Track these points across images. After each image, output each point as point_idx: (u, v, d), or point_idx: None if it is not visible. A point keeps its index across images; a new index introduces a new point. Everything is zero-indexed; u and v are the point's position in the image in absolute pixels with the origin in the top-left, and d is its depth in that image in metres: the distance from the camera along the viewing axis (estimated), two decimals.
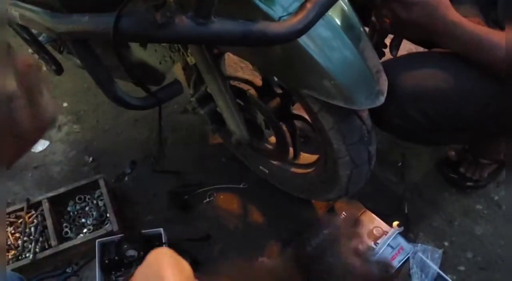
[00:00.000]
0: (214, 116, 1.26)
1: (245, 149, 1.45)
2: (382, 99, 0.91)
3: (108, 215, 1.41)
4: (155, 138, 1.63)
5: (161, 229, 1.35)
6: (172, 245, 1.34)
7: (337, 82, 0.85)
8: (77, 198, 1.48)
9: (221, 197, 1.50)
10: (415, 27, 0.95)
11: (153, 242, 1.34)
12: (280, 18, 0.80)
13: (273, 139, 1.31)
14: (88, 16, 0.71)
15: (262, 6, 0.81)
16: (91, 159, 1.63)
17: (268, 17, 0.80)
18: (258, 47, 0.86)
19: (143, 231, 1.36)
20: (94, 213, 1.44)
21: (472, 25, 0.93)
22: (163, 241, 1.34)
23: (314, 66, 0.85)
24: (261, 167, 1.45)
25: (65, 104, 1.82)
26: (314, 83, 0.88)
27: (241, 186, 1.51)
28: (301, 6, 0.73)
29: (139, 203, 1.51)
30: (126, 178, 1.57)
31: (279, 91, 1.19)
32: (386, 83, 0.93)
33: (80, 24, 0.72)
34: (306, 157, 1.34)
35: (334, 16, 0.87)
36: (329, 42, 0.86)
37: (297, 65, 0.87)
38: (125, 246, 1.31)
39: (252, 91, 1.18)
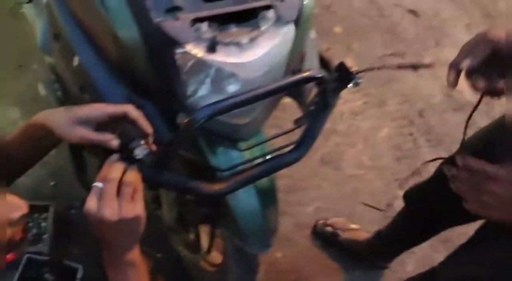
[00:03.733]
0: (157, 201, 1.57)
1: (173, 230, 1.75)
2: (268, 251, 1.24)
3: (44, 237, 1.69)
4: None
5: (80, 266, 1.61)
6: None
7: (239, 229, 1.18)
8: None
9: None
10: None
11: (69, 275, 1.60)
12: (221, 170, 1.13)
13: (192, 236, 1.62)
14: None
15: (212, 161, 1.15)
16: (53, 183, 1.91)
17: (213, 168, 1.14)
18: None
19: (65, 261, 1.62)
20: (34, 230, 1.70)
21: None
22: (78, 276, 1.60)
23: (230, 213, 1.18)
24: (180, 247, 1.76)
25: None
26: (226, 223, 1.23)
27: (157, 255, 1.80)
28: (231, 177, 1.06)
29: (74, 236, 1.79)
30: (73, 211, 1.85)
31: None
32: (274, 239, 1.26)
33: None
34: (215, 256, 1.66)
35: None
36: (246, 200, 1.19)
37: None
38: (46, 269, 1.57)
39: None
